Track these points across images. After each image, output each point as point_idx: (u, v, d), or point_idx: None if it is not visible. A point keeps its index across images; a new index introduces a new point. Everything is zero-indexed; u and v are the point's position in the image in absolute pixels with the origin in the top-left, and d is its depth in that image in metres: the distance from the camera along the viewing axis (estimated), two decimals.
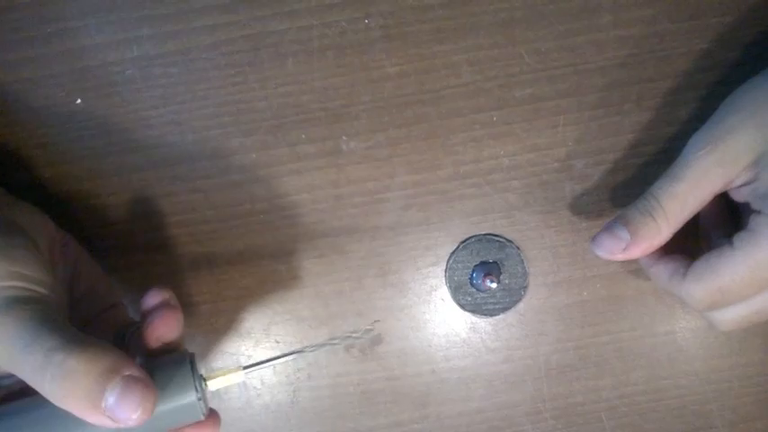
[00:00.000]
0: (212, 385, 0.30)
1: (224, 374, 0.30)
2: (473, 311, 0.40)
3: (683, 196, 0.34)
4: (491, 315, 0.40)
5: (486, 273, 0.39)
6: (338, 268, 0.40)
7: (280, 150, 0.39)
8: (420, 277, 0.40)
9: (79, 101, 0.38)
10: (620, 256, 0.35)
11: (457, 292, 0.40)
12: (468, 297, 0.40)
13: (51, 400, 0.25)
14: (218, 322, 0.40)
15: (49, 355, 0.25)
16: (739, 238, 0.32)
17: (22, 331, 0.26)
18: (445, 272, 0.40)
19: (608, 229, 0.35)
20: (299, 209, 0.39)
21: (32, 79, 0.38)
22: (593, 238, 0.35)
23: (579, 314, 0.40)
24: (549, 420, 0.41)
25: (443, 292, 0.40)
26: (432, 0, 0.38)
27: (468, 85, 0.38)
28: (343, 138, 0.39)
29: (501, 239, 0.39)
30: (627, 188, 0.39)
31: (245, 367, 0.30)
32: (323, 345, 0.32)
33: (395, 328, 0.40)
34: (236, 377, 0.30)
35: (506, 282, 0.39)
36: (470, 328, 0.40)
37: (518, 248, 0.39)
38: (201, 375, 0.30)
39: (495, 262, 0.39)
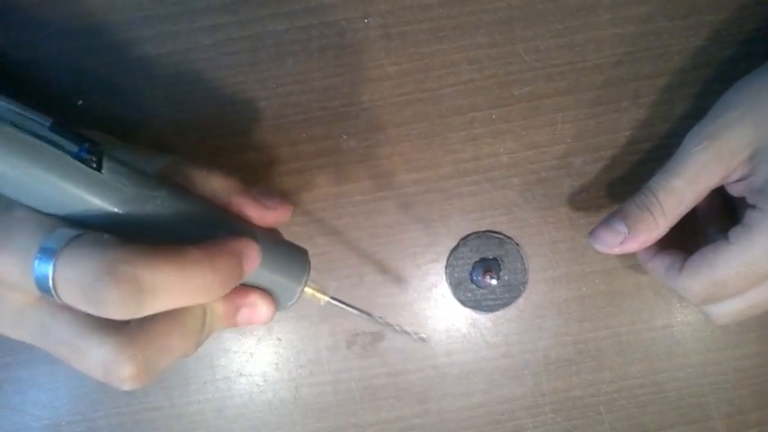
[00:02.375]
0: (307, 288, 0.31)
1: (317, 289, 0.32)
2: (473, 307, 0.40)
3: (680, 191, 0.34)
4: (491, 311, 0.40)
5: (485, 269, 0.39)
6: (339, 266, 0.40)
7: (280, 150, 0.39)
8: (420, 274, 0.40)
9: (80, 102, 0.38)
10: (618, 250, 0.35)
11: (457, 288, 0.40)
12: (469, 293, 0.40)
13: (201, 183, 0.29)
14: None
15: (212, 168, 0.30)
16: (735, 233, 0.33)
17: None
18: (445, 269, 0.40)
19: (606, 223, 0.35)
20: (300, 207, 0.39)
21: (34, 80, 0.38)
22: (591, 232, 0.36)
23: (578, 309, 0.40)
24: (549, 414, 0.41)
25: (444, 289, 0.40)
26: (430, 0, 0.38)
27: (467, 84, 0.39)
28: (343, 137, 0.39)
29: (500, 236, 0.40)
30: (625, 184, 0.40)
31: (333, 298, 0.32)
32: (389, 324, 0.35)
33: (396, 324, 0.40)
34: (322, 297, 0.32)
35: (506, 278, 0.40)
36: (471, 323, 0.41)
37: (517, 245, 0.40)
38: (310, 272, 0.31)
39: (494, 258, 0.40)
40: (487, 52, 0.39)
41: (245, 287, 0.29)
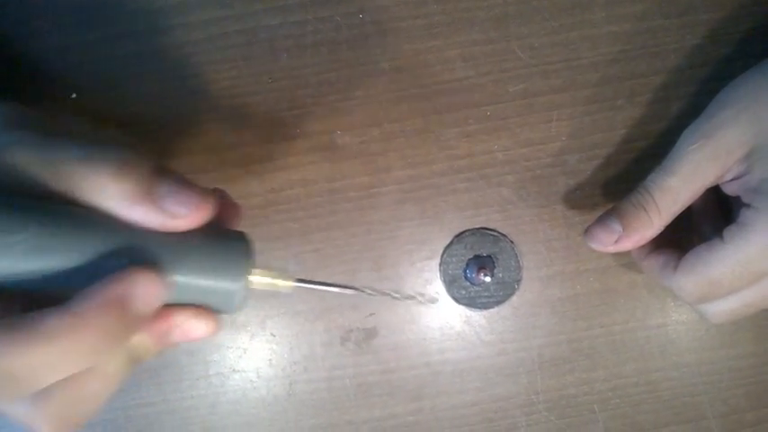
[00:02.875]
0: (256, 279, 0.26)
1: (273, 275, 0.27)
2: (467, 305, 0.40)
3: (675, 190, 0.34)
4: (485, 308, 0.40)
5: (480, 266, 0.39)
6: (333, 262, 0.40)
7: (274, 145, 0.39)
8: (415, 271, 0.40)
9: (74, 95, 0.38)
10: (613, 248, 0.35)
11: (451, 285, 0.40)
12: (463, 290, 0.40)
13: (91, 194, 0.23)
14: None
15: (102, 149, 0.24)
16: (730, 232, 0.33)
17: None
18: (440, 266, 0.40)
19: (601, 221, 0.35)
20: (294, 203, 0.39)
21: (28, 75, 0.38)
22: (587, 230, 0.36)
23: (572, 307, 0.40)
24: (543, 412, 0.41)
25: (438, 286, 0.40)
26: None
27: (462, 81, 0.39)
28: (338, 132, 0.39)
29: (495, 233, 0.40)
30: (620, 182, 0.40)
31: (300, 279, 0.27)
32: (384, 293, 0.30)
33: (390, 321, 0.40)
34: (284, 284, 0.27)
35: (500, 275, 0.40)
36: (465, 321, 0.41)
37: (512, 242, 0.40)
38: (253, 262, 0.26)
39: (489, 256, 0.40)
40: (482, 49, 0.38)
41: (169, 307, 0.25)
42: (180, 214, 0.24)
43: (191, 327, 0.25)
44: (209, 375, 0.40)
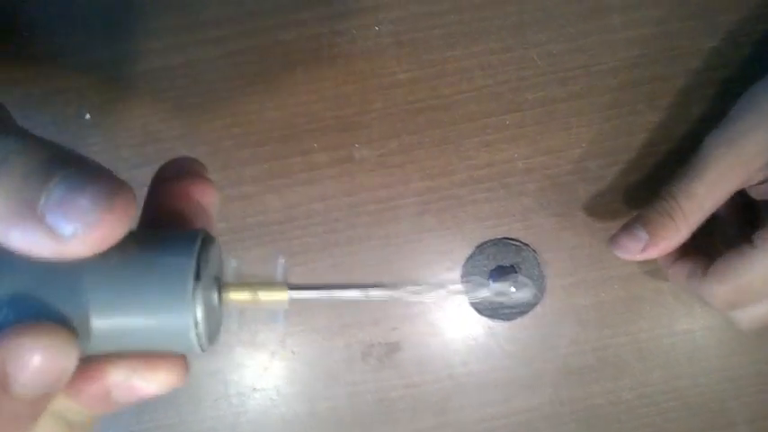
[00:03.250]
0: (231, 297, 0.19)
1: (256, 289, 0.19)
2: (490, 316, 0.40)
3: (701, 196, 0.34)
4: (508, 319, 0.40)
5: (503, 277, 0.38)
6: (353, 277, 0.39)
7: (292, 160, 0.38)
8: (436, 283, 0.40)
9: (88, 116, 0.38)
10: (639, 257, 0.35)
11: (474, 296, 0.39)
12: (486, 301, 0.39)
13: None
14: (234, 335, 0.40)
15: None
16: (760, 237, 0.32)
17: None
18: (461, 277, 0.39)
19: (626, 229, 0.35)
20: (313, 218, 0.39)
21: (40, 94, 0.38)
22: (612, 239, 0.35)
23: (597, 315, 0.40)
24: (569, 423, 0.40)
25: (460, 298, 0.40)
26: (442, 6, 0.37)
27: (481, 90, 0.38)
28: (356, 145, 0.38)
29: (517, 243, 0.39)
30: (642, 188, 0.39)
31: (292, 287, 0.19)
32: (397, 290, 0.22)
33: (412, 335, 0.40)
34: (274, 297, 0.19)
35: (524, 285, 0.39)
36: (488, 332, 0.40)
37: (534, 252, 0.39)
38: (217, 278, 0.19)
39: (511, 266, 0.39)
40: (500, 57, 0.38)
41: (100, 361, 0.18)
42: (72, 235, 0.16)
43: (138, 383, 0.19)
44: (228, 395, 0.40)
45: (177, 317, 0.17)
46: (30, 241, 0.16)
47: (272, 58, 0.38)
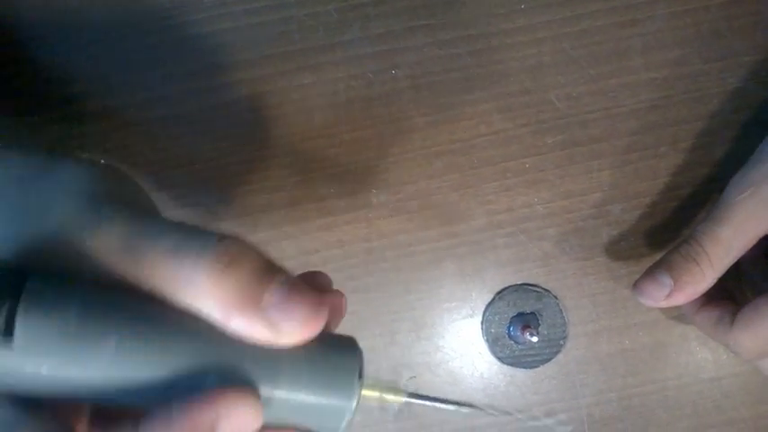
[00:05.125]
0: (367, 394, 0.23)
1: (383, 390, 0.23)
2: (512, 364, 0.38)
3: (727, 241, 0.33)
4: (530, 367, 0.39)
5: (524, 324, 0.37)
6: (371, 324, 0.38)
7: (308, 206, 0.38)
8: (456, 331, 0.39)
9: (102, 161, 0.37)
10: (664, 303, 0.34)
11: (494, 344, 0.38)
12: (507, 350, 0.38)
13: (182, 294, 0.19)
14: None
15: (199, 236, 0.20)
16: None
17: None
18: (482, 324, 0.38)
19: (650, 274, 0.34)
20: (330, 264, 0.38)
21: (55, 140, 0.37)
22: (635, 285, 0.34)
23: (621, 363, 0.39)
24: None
25: (481, 346, 0.39)
26: (459, 48, 0.37)
27: (499, 133, 0.38)
28: (373, 191, 0.38)
29: (538, 289, 0.38)
30: (665, 232, 0.38)
31: (411, 394, 0.24)
32: (507, 413, 0.28)
33: (432, 383, 0.39)
34: (395, 398, 0.24)
35: (545, 332, 0.38)
36: (509, 381, 0.39)
37: (556, 298, 0.38)
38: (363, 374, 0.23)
39: (532, 313, 0.38)
40: (519, 100, 0.37)
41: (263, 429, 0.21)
42: (289, 330, 0.20)
43: None
44: None
45: (342, 403, 0.21)
46: (249, 329, 0.20)
47: (289, 103, 0.37)
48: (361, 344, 0.38)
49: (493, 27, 0.37)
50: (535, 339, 0.37)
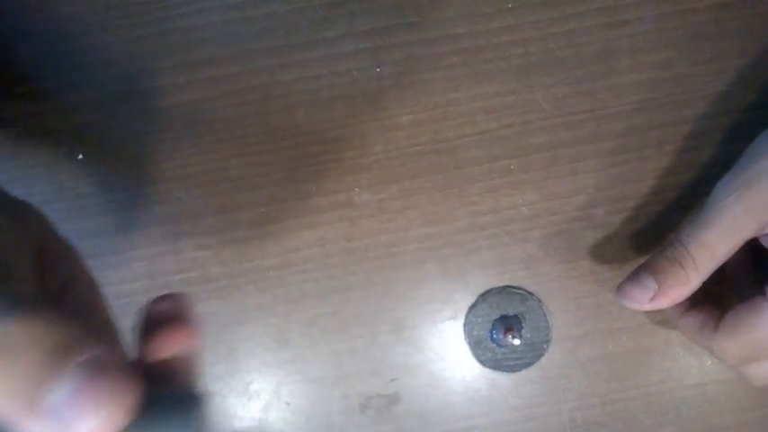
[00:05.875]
0: None
1: None
2: (494, 368, 0.38)
3: (712, 244, 0.32)
4: (513, 371, 0.38)
5: (506, 327, 0.37)
6: (351, 325, 0.38)
7: (290, 204, 0.37)
8: (437, 333, 0.38)
9: (80, 156, 0.37)
10: (648, 306, 0.33)
11: (477, 347, 0.38)
12: (489, 353, 0.38)
13: None
14: (226, 384, 0.38)
15: None
16: None
17: None
18: (464, 326, 0.38)
19: (634, 277, 0.34)
20: (311, 264, 0.37)
21: (33, 134, 0.37)
22: (619, 288, 0.34)
23: (605, 368, 0.38)
24: None
25: (462, 348, 0.38)
26: (445, 47, 0.37)
27: (484, 134, 0.37)
28: (356, 190, 0.37)
29: (521, 292, 0.38)
30: (650, 235, 0.38)
31: None
32: None
33: (412, 386, 0.38)
34: None
35: (528, 336, 0.38)
36: (491, 384, 0.38)
37: (539, 301, 0.38)
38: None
39: (515, 315, 0.38)
40: (504, 100, 0.37)
41: None
42: (80, 427, 0.16)
43: None
44: None
45: None
46: None
47: (272, 100, 0.37)
48: (341, 345, 0.37)
49: (480, 26, 0.37)
50: (518, 342, 0.36)
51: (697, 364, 0.38)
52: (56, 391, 0.16)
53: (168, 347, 0.22)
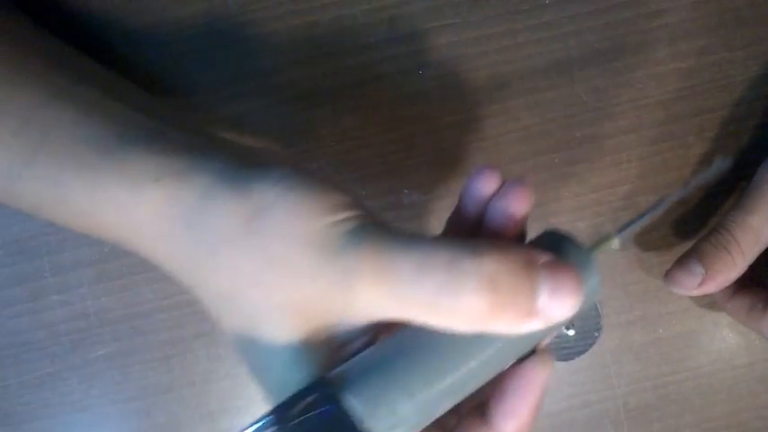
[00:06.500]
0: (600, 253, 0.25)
1: (600, 246, 0.25)
2: None
3: (757, 228, 0.33)
4: (566, 359, 0.39)
5: None
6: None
7: None
8: None
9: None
10: (696, 292, 0.34)
11: None
12: None
13: (458, 324, 0.21)
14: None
15: (453, 266, 0.21)
16: None
17: (398, 257, 0.22)
18: None
19: (682, 264, 0.34)
20: None
21: None
22: (667, 274, 0.35)
23: (656, 352, 0.39)
24: None
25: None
26: (485, 46, 0.37)
27: (528, 129, 0.38)
28: (405, 191, 0.38)
29: None
30: (695, 221, 0.38)
31: (620, 230, 0.26)
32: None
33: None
34: (613, 244, 0.26)
35: (580, 325, 0.39)
36: None
37: None
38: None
39: None
40: (546, 95, 0.38)
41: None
42: (563, 315, 0.22)
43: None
44: None
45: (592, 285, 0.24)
46: (529, 328, 0.22)
47: (319, 107, 0.37)
48: None
49: (518, 24, 0.37)
50: (571, 333, 0.37)
51: (745, 345, 0.39)
52: (540, 295, 0.21)
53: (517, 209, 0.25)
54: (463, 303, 0.21)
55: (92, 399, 0.38)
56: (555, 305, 0.21)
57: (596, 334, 0.39)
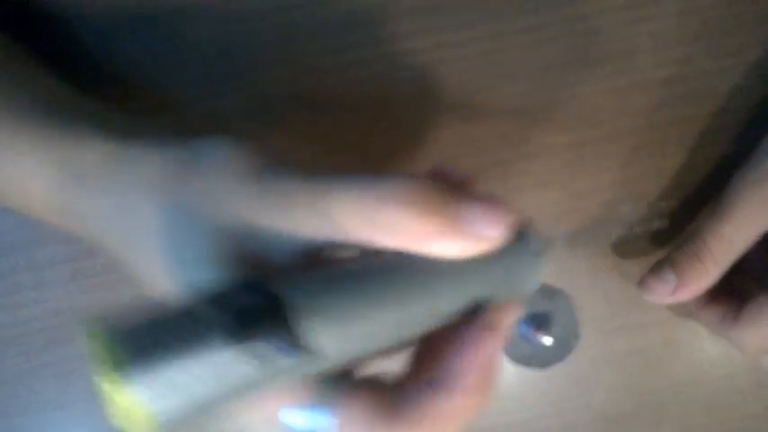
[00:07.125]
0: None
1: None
2: (526, 364, 0.39)
3: (729, 237, 0.33)
4: (543, 367, 0.39)
5: (536, 324, 0.38)
6: None
7: None
8: None
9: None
10: (669, 300, 0.34)
11: (507, 344, 0.39)
12: (519, 350, 0.39)
13: (392, 240, 0.22)
14: None
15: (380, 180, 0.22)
16: None
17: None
18: None
19: (654, 272, 0.35)
20: None
21: None
22: (641, 282, 0.35)
23: (634, 361, 0.39)
24: None
25: None
26: (466, 50, 0.37)
27: (509, 134, 0.38)
28: None
29: (550, 288, 0.38)
30: (675, 229, 0.38)
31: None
32: None
33: None
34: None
35: (558, 332, 0.38)
36: (523, 380, 0.39)
37: (568, 297, 0.38)
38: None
39: (544, 313, 0.38)
40: (526, 101, 0.37)
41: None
42: (490, 233, 0.22)
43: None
44: None
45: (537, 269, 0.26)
46: (459, 248, 0.22)
47: (294, 109, 0.37)
48: None
49: (500, 28, 0.37)
50: (549, 341, 0.37)
51: (725, 355, 0.39)
52: (463, 210, 0.22)
53: None
54: (392, 216, 0.21)
55: (67, 397, 0.38)
56: (481, 222, 0.22)
57: (574, 342, 0.38)
